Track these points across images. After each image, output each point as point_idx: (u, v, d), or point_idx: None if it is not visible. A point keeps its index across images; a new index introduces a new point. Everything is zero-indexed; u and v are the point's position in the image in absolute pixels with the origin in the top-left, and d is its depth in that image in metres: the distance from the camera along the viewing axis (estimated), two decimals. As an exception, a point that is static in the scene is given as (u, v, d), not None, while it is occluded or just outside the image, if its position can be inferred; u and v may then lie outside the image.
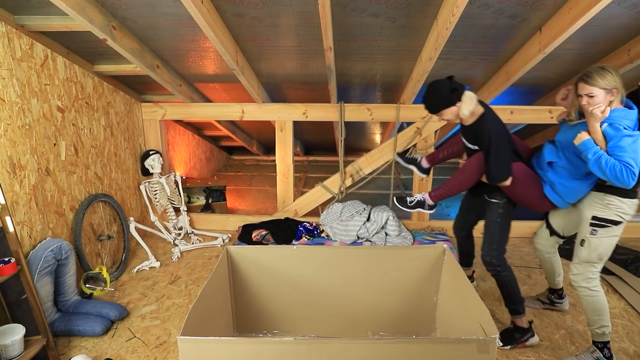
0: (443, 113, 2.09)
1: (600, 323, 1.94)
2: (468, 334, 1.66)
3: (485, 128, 2.04)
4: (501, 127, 2.08)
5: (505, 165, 2.03)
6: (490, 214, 2.23)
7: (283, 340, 1.40)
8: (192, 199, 4.36)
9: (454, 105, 2.05)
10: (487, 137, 2.02)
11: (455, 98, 2.04)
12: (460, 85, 2.06)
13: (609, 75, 1.73)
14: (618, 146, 1.71)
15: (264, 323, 2.16)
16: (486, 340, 1.33)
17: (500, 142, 2.03)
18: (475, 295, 1.61)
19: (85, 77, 2.85)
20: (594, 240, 1.91)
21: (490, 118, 2.08)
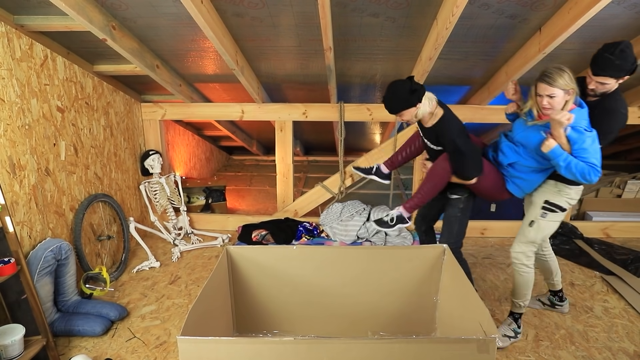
0: (403, 114, 2.12)
1: (526, 297, 2.19)
2: (468, 334, 1.66)
3: (448, 130, 2.09)
4: (461, 127, 2.15)
5: (475, 162, 2.10)
6: (451, 209, 2.29)
7: (283, 340, 1.40)
8: (192, 199, 4.36)
9: (414, 106, 2.08)
10: (451, 139, 2.07)
11: (415, 99, 2.06)
12: (420, 86, 2.08)
13: (566, 75, 1.80)
14: (582, 149, 1.82)
15: (264, 323, 2.16)
16: (486, 340, 1.33)
17: (466, 142, 2.09)
18: (475, 295, 1.61)
19: (85, 77, 2.85)
20: (543, 222, 2.08)
21: (451, 119, 2.13)
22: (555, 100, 1.82)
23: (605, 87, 1.89)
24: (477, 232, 3.78)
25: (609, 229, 3.72)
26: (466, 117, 3.66)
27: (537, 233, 2.10)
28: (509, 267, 3.08)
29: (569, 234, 3.52)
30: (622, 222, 3.74)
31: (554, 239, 3.49)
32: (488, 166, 2.17)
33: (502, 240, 3.69)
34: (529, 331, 2.27)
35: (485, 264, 3.13)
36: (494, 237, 3.75)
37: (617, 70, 1.83)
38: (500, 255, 3.31)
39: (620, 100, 1.94)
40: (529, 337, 2.22)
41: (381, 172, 2.58)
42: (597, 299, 2.61)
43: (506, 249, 3.45)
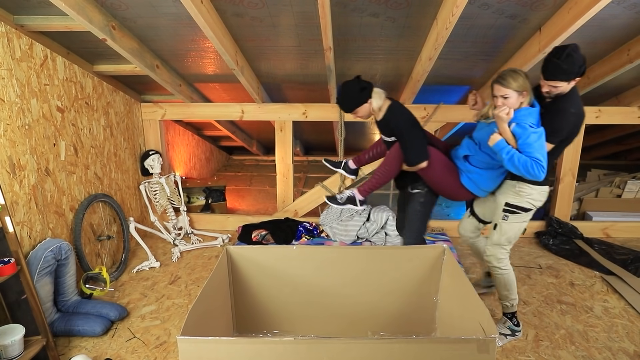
0: (357, 111, 2.25)
1: (510, 297, 2.21)
2: (468, 334, 1.66)
3: (395, 117, 2.22)
4: (410, 115, 2.26)
5: (420, 147, 2.18)
6: (413, 204, 2.36)
7: (283, 340, 1.39)
8: (191, 199, 4.36)
9: (366, 102, 2.21)
10: (398, 125, 2.20)
11: (366, 96, 2.20)
12: (368, 83, 2.22)
13: (520, 78, 1.90)
14: (527, 143, 1.89)
15: (264, 323, 2.16)
16: (486, 340, 1.32)
17: (412, 127, 2.20)
18: (475, 295, 1.61)
19: (84, 77, 2.85)
20: (504, 224, 2.14)
21: (398, 107, 2.25)
22: (509, 101, 1.92)
23: (558, 89, 1.95)
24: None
25: (609, 229, 3.72)
26: (466, 117, 3.67)
27: (500, 236, 2.16)
28: (509, 267, 3.08)
29: (569, 234, 3.52)
30: (622, 222, 3.74)
31: (554, 238, 3.49)
32: (442, 159, 2.25)
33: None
34: (529, 331, 2.27)
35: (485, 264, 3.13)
36: (494, 237, 3.75)
37: (566, 74, 1.88)
38: (500, 255, 3.31)
39: (573, 100, 1.99)
40: (529, 337, 2.22)
41: (349, 167, 2.64)
42: (597, 299, 2.62)
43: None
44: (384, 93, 2.25)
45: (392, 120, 2.23)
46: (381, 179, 2.30)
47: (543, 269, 3.07)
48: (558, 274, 2.97)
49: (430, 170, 2.22)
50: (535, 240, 3.67)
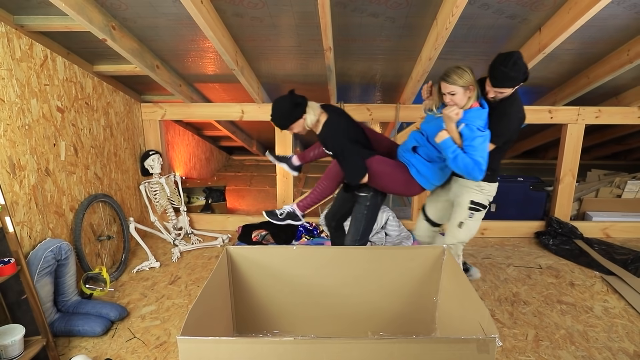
0: (292, 127, 2.22)
1: None
2: (468, 333, 1.66)
3: (330, 135, 2.19)
4: (346, 130, 2.21)
5: (356, 166, 2.17)
6: (359, 207, 2.36)
7: (283, 340, 1.39)
8: (192, 199, 4.36)
9: (301, 118, 2.18)
10: (333, 144, 2.17)
11: (300, 111, 2.17)
12: (302, 98, 2.19)
13: (465, 74, 1.96)
14: (471, 146, 1.98)
15: (264, 323, 2.16)
16: (486, 340, 1.32)
17: (348, 144, 2.16)
18: (476, 295, 1.61)
19: (84, 77, 2.85)
20: (470, 222, 2.25)
21: (334, 124, 2.20)
22: (456, 97, 1.99)
23: (503, 94, 2.04)
24: (477, 232, 3.77)
25: (609, 229, 3.72)
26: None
27: (467, 233, 2.27)
28: (509, 267, 3.09)
29: (569, 234, 3.52)
30: (622, 222, 3.74)
31: (554, 238, 3.49)
32: (384, 162, 2.24)
33: (502, 240, 3.69)
34: (529, 331, 2.27)
35: (485, 264, 3.13)
36: (494, 237, 3.75)
37: (512, 81, 1.98)
38: (500, 255, 3.31)
39: (516, 103, 2.11)
40: (529, 337, 2.22)
41: (292, 163, 2.63)
42: (597, 299, 2.62)
43: (506, 249, 3.45)
44: (319, 106, 2.23)
45: (327, 138, 2.21)
46: (321, 194, 2.31)
47: (543, 269, 3.07)
48: (558, 274, 2.97)
49: (375, 179, 2.23)
50: (535, 240, 3.67)
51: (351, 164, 2.17)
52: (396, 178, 2.26)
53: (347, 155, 2.16)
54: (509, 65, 1.93)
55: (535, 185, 3.92)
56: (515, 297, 2.64)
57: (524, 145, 5.49)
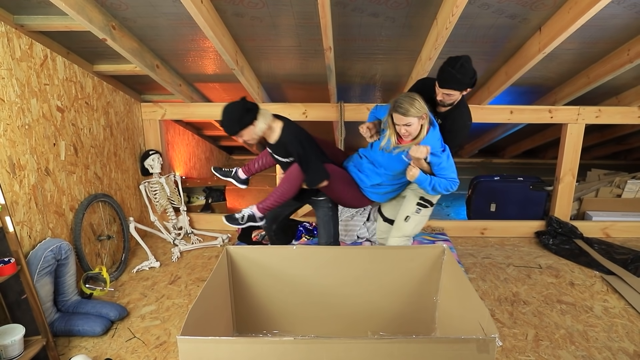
0: (242, 134, 2.17)
1: None
2: (468, 333, 1.66)
3: (291, 140, 2.20)
4: (305, 135, 2.27)
5: (319, 168, 2.22)
6: (322, 210, 2.45)
7: (283, 340, 1.39)
8: (192, 198, 4.36)
9: (251, 124, 2.15)
10: (295, 147, 2.18)
11: (251, 117, 2.14)
12: (253, 104, 2.18)
13: (417, 103, 1.97)
14: (442, 168, 2.08)
15: (264, 323, 2.16)
16: (486, 339, 1.32)
17: (309, 148, 2.22)
18: (475, 295, 1.61)
19: (84, 77, 2.85)
20: (417, 217, 2.32)
21: (291, 130, 2.24)
22: (412, 127, 2.01)
23: (451, 97, 2.07)
24: (477, 232, 3.78)
25: (608, 229, 3.72)
26: (466, 117, 3.66)
27: (414, 227, 2.34)
28: (509, 266, 3.09)
29: (569, 234, 3.52)
30: (622, 222, 3.74)
31: (554, 238, 3.49)
32: (340, 173, 2.35)
33: (502, 240, 3.69)
34: (529, 331, 2.27)
35: (485, 263, 3.13)
36: (494, 237, 3.75)
37: (459, 83, 2.00)
38: (500, 255, 3.31)
39: (465, 113, 2.21)
40: (529, 337, 2.22)
41: (238, 176, 2.61)
42: (597, 298, 2.62)
43: (506, 249, 3.45)
44: (270, 113, 2.23)
45: (288, 143, 2.21)
46: (281, 197, 2.29)
47: (543, 268, 3.07)
48: (558, 274, 2.97)
49: (331, 186, 2.28)
50: (535, 240, 3.67)
51: (314, 168, 2.20)
52: (350, 189, 2.37)
53: (310, 158, 2.19)
54: (456, 67, 1.96)
55: (535, 185, 3.92)
56: (515, 296, 2.64)
57: (524, 145, 5.49)
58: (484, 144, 5.36)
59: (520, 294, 2.67)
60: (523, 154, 5.88)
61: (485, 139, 5.22)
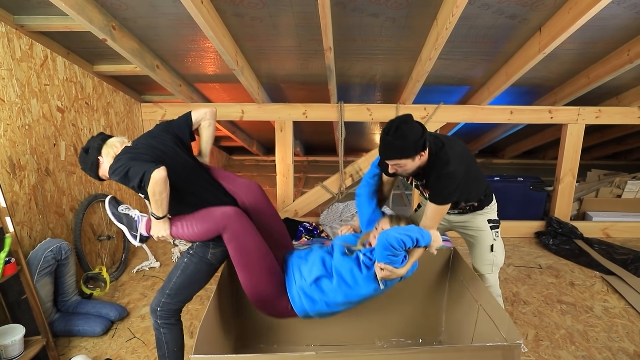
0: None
1: None
2: (478, 338, 1.65)
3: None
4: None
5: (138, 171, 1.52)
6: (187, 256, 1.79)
7: (304, 355, 1.34)
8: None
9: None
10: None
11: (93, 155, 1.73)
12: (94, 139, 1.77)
13: (402, 222, 1.69)
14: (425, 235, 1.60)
15: (266, 333, 2.12)
16: (511, 346, 1.30)
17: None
18: (492, 299, 1.60)
19: (85, 77, 2.85)
20: (498, 241, 1.98)
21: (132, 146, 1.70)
22: (406, 166, 1.64)
23: (405, 168, 1.63)
24: None
25: (609, 229, 3.72)
26: (466, 117, 3.67)
27: (501, 252, 1.98)
28: (509, 266, 3.09)
29: (569, 234, 3.52)
30: (622, 222, 3.74)
31: (554, 238, 3.49)
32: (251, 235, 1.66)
33: (502, 240, 3.69)
34: (529, 331, 2.27)
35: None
36: (494, 237, 3.75)
37: (400, 151, 1.57)
38: (500, 255, 3.31)
39: (451, 163, 1.63)
40: (529, 337, 2.22)
41: (139, 231, 1.78)
42: (597, 298, 2.61)
43: (506, 249, 3.45)
44: (124, 141, 1.79)
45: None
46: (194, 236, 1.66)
47: (543, 268, 3.07)
48: (558, 274, 2.97)
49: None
50: (535, 240, 3.67)
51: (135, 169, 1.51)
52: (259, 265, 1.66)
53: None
54: (390, 132, 1.56)
55: (535, 185, 3.92)
56: (515, 296, 2.64)
57: (524, 145, 5.49)
58: (484, 144, 5.36)
59: (521, 294, 2.67)
60: (523, 154, 5.88)
61: (485, 139, 5.22)
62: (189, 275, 1.69)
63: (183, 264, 1.71)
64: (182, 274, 1.69)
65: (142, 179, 1.47)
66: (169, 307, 1.67)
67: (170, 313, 1.68)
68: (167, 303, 1.67)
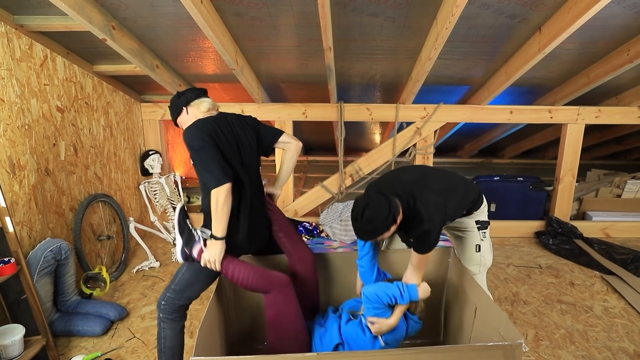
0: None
1: None
2: (477, 338, 1.65)
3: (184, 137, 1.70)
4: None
5: (214, 173, 1.59)
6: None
7: (305, 356, 1.32)
8: (191, 199, 4.36)
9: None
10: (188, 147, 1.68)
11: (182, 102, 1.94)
12: (194, 90, 1.92)
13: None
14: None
15: (262, 333, 2.12)
16: (512, 345, 1.30)
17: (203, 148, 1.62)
18: (489, 299, 1.59)
19: (84, 77, 2.85)
20: (486, 242, 1.95)
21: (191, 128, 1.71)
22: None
23: (384, 237, 1.64)
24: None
25: (608, 229, 3.72)
26: (466, 116, 3.67)
27: (489, 252, 1.97)
28: (509, 266, 3.09)
29: (568, 234, 3.52)
30: (622, 222, 3.74)
31: (554, 238, 3.49)
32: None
33: (502, 240, 3.69)
34: (529, 331, 2.27)
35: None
36: (494, 236, 3.75)
37: (373, 232, 1.58)
38: (500, 255, 3.31)
39: (425, 220, 1.60)
40: (529, 337, 2.22)
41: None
42: (597, 298, 2.61)
43: (506, 249, 3.45)
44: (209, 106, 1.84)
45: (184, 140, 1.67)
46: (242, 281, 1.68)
47: (543, 268, 3.07)
48: (558, 274, 2.97)
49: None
50: (535, 240, 3.67)
51: (210, 170, 1.58)
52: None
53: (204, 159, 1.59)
54: (357, 218, 1.57)
55: (535, 185, 3.92)
56: (515, 296, 2.64)
57: (524, 145, 5.49)
58: (483, 144, 5.36)
59: (520, 294, 2.67)
60: (523, 154, 5.88)
61: (485, 139, 5.23)
62: (194, 272, 1.72)
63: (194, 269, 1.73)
64: (187, 271, 1.72)
65: (207, 181, 1.58)
66: (173, 302, 1.69)
67: (174, 308, 1.70)
68: (171, 298, 1.69)
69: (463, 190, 1.82)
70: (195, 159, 1.61)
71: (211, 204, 1.59)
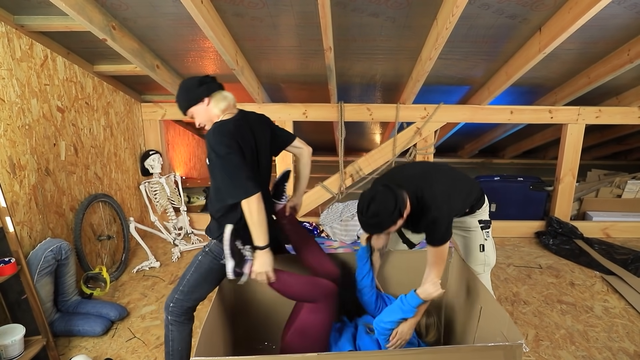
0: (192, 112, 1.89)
1: None
2: (480, 338, 1.65)
3: (208, 138, 1.66)
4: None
5: (238, 181, 1.55)
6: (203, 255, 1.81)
7: (305, 356, 1.32)
8: (192, 199, 4.36)
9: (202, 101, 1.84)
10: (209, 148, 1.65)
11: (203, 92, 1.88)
12: (213, 80, 1.87)
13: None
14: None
15: (269, 331, 2.11)
16: (513, 346, 1.30)
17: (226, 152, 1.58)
18: (493, 299, 1.59)
19: (85, 77, 2.85)
20: (489, 241, 1.97)
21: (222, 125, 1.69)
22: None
23: (391, 231, 1.65)
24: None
25: (609, 229, 3.72)
26: (466, 117, 3.67)
27: (493, 252, 1.98)
28: (509, 267, 3.09)
29: (569, 234, 3.52)
30: (622, 222, 3.74)
31: (554, 238, 3.49)
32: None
33: (502, 240, 3.69)
34: (529, 331, 2.27)
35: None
36: (494, 236, 3.70)
37: (380, 226, 1.58)
38: (501, 255, 3.31)
39: (432, 209, 1.62)
40: (529, 337, 2.22)
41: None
42: (597, 298, 2.61)
43: (506, 249, 3.45)
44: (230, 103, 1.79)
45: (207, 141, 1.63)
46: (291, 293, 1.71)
47: (543, 268, 3.07)
48: (558, 274, 2.97)
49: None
50: (535, 240, 3.67)
51: (235, 178, 1.54)
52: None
53: (227, 165, 1.54)
54: (363, 212, 1.57)
55: (535, 185, 3.92)
56: (516, 296, 2.64)
57: (524, 145, 5.49)
58: (484, 144, 5.36)
59: (521, 294, 2.67)
60: (523, 154, 5.88)
61: (485, 139, 5.23)
62: (202, 274, 1.70)
63: (197, 261, 1.71)
64: (195, 272, 1.70)
65: (231, 190, 1.52)
66: (182, 304, 1.68)
67: (182, 310, 1.69)
68: (180, 300, 1.68)
69: (468, 186, 1.84)
70: (218, 165, 1.55)
71: (245, 216, 1.54)
